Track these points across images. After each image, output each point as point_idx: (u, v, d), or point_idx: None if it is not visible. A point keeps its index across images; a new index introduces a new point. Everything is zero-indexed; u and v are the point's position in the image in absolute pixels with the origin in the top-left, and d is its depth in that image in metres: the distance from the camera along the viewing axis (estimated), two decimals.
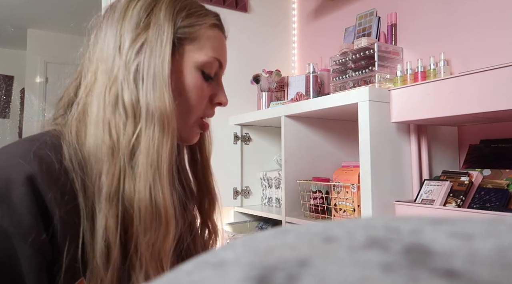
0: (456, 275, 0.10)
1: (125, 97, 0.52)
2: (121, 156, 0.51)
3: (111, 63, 0.54)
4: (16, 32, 4.16)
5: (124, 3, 0.57)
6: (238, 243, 0.14)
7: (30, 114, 4.20)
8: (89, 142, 0.51)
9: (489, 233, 0.12)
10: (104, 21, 0.58)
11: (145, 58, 0.53)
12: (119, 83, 0.52)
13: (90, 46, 0.58)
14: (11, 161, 0.47)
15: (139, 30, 0.55)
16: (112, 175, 0.50)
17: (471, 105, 0.88)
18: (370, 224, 0.14)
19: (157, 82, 0.53)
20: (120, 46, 0.54)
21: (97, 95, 0.53)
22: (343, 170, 1.30)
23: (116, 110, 0.52)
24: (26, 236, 0.44)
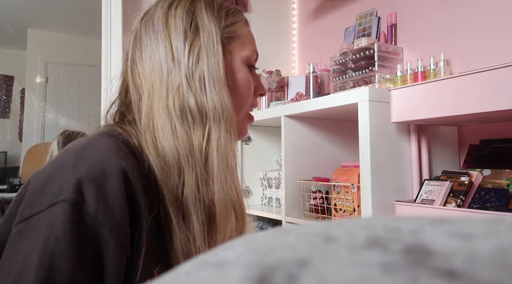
0: (456, 275, 0.10)
1: (191, 104, 0.54)
2: (197, 163, 0.53)
3: (167, 74, 0.55)
4: (16, 32, 4.16)
5: (162, 13, 0.58)
6: (238, 243, 0.14)
7: (30, 114, 4.20)
8: (165, 151, 0.53)
9: (489, 233, 0.12)
10: (144, 35, 0.58)
11: (203, 63, 0.55)
12: (183, 92, 0.54)
13: (131, 59, 0.59)
14: (104, 153, 0.47)
15: (190, 37, 0.56)
16: (192, 179, 0.52)
17: (471, 105, 0.88)
18: (370, 224, 0.14)
19: (216, 84, 0.55)
20: (175, 56, 0.55)
21: (161, 108, 0.54)
22: (343, 170, 1.30)
23: (184, 118, 0.54)
24: (116, 230, 0.44)
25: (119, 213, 0.45)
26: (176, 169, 0.52)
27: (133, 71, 0.58)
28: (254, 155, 1.79)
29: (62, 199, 0.42)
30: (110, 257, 0.44)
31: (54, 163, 0.47)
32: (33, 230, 0.41)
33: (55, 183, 0.44)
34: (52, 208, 0.42)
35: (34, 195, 0.44)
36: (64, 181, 0.43)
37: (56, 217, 0.41)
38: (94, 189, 0.44)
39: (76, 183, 0.43)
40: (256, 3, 1.97)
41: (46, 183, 0.44)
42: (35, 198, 0.43)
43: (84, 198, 0.43)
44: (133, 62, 0.58)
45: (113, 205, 0.44)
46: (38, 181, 0.45)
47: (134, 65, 0.58)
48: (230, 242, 0.14)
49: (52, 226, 0.41)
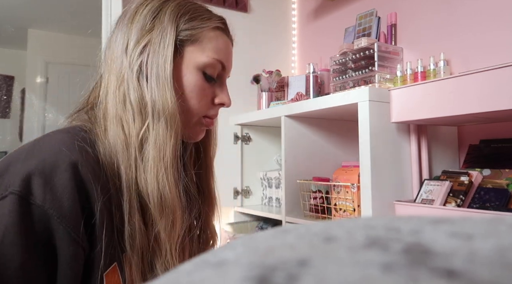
0: (456, 275, 0.10)
1: (131, 95, 0.56)
2: (132, 150, 0.55)
3: (120, 64, 0.58)
4: (16, 32, 4.16)
5: (134, 8, 0.61)
6: (238, 243, 0.14)
7: (30, 114, 4.20)
8: (109, 137, 0.56)
9: (489, 233, 0.12)
10: (116, 26, 0.63)
11: (148, 58, 0.57)
12: (126, 82, 0.57)
13: (104, 49, 0.63)
14: (55, 147, 0.50)
15: (143, 32, 0.59)
16: (126, 167, 0.55)
17: (471, 105, 0.88)
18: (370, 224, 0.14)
19: (160, 81, 0.57)
20: (127, 48, 0.58)
21: (111, 94, 0.57)
22: (343, 170, 1.30)
23: (125, 107, 0.56)
24: (64, 219, 0.46)
25: (67, 203, 0.47)
26: (115, 157, 0.55)
27: (105, 62, 0.61)
28: (254, 155, 1.79)
29: (10, 191, 0.45)
30: (61, 244, 0.46)
31: (7, 158, 0.50)
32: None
33: (7, 177, 0.46)
34: (2, 201, 0.44)
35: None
36: (14, 174, 0.46)
37: (4, 208, 0.44)
38: (41, 181, 0.46)
39: (25, 176, 0.46)
40: (256, 3, 1.97)
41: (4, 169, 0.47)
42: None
43: (31, 190, 0.45)
44: (105, 53, 0.62)
45: (61, 196, 0.47)
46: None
47: (105, 56, 0.62)
48: (230, 242, 0.14)
49: (1, 217, 0.43)
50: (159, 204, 0.55)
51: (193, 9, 0.63)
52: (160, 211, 0.55)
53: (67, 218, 0.46)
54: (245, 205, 1.75)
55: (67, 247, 0.46)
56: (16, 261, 0.42)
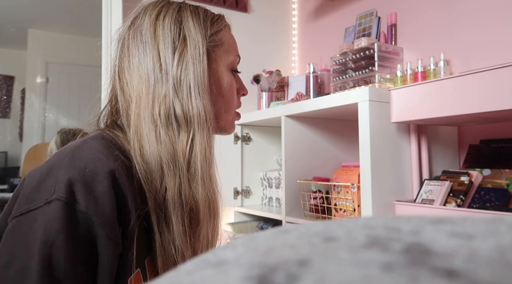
0: (456, 275, 0.10)
1: (177, 111, 0.57)
2: (180, 167, 0.57)
3: (154, 84, 0.58)
4: (16, 32, 4.16)
5: (150, 23, 0.60)
6: (238, 243, 0.14)
7: (30, 114, 4.20)
8: (147, 155, 0.56)
9: (489, 233, 0.12)
10: (132, 45, 0.60)
11: (190, 73, 0.58)
12: (170, 100, 0.57)
13: (119, 67, 0.62)
14: (94, 156, 0.51)
15: (179, 48, 0.59)
16: (170, 181, 0.56)
17: (471, 105, 0.88)
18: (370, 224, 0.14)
19: (201, 91, 0.59)
20: (163, 67, 0.58)
21: (147, 117, 0.57)
22: (343, 170, 1.30)
23: (169, 125, 0.57)
24: (106, 225, 0.48)
25: (108, 210, 0.48)
26: (158, 175, 0.56)
27: (121, 80, 0.60)
28: (254, 155, 1.79)
29: (55, 197, 0.46)
30: (102, 248, 0.47)
31: (48, 163, 0.50)
32: (32, 224, 0.45)
33: (50, 182, 0.47)
34: (48, 205, 0.45)
35: (30, 192, 0.47)
36: (58, 180, 0.47)
37: (51, 214, 0.45)
38: (84, 188, 0.47)
39: (68, 183, 0.47)
40: (256, 3, 1.97)
41: (42, 181, 0.48)
42: (32, 195, 0.47)
43: (75, 197, 0.47)
44: (122, 71, 0.61)
45: (102, 203, 0.48)
46: (33, 179, 0.48)
47: (122, 73, 0.61)
48: (231, 242, 0.14)
49: (49, 222, 0.44)
50: (208, 210, 0.58)
51: (205, 12, 0.64)
52: (208, 216, 0.58)
53: (108, 224, 0.48)
54: (245, 205, 1.75)
55: (107, 253, 0.48)
56: (64, 264, 0.44)
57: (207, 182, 0.59)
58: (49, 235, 0.44)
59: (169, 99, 0.57)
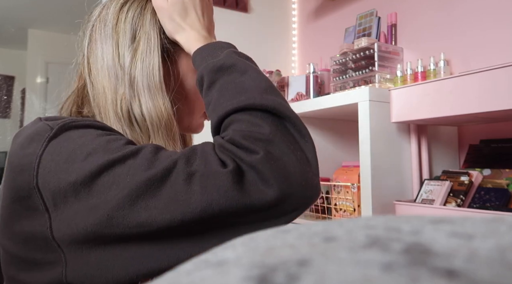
0: (456, 275, 0.10)
1: (135, 110, 0.54)
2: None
3: (115, 79, 0.55)
4: (17, 32, 4.16)
5: (114, 14, 0.58)
6: (238, 242, 0.14)
7: (31, 114, 4.20)
8: None
9: (489, 233, 0.12)
10: (98, 35, 0.58)
11: (140, 70, 0.55)
12: (128, 98, 0.54)
13: (87, 57, 0.59)
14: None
15: (135, 43, 0.56)
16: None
17: (471, 105, 0.88)
18: (370, 224, 0.14)
19: (152, 89, 0.55)
20: (121, 62, 0.55)
21: (112, 113, 0.55)
22: (343, 170, 1.30)
23: (131, 125, 0.54)
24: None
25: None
26: None
27: (90, 71, 0.58)
28: None
29: (60, 125, 0.45)
30: None
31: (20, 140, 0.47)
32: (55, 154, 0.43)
33: (38, 131, 0.46)
34: (54, 138, 0.44)
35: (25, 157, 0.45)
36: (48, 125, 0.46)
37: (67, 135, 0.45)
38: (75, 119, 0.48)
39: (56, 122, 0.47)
40: (256, 3, 1.97)
41: (28, 140, 0.46)
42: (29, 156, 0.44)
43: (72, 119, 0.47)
44: (89, 62, 0.58)
45: None
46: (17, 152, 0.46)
47: (90, 64, 0.58)
48: (230, 242, 0.14)
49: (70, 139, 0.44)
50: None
51: None
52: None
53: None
54: None
55: None
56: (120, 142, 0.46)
57: None
58: (78, 141, 0.44)
59: (127, 97, 0.54)
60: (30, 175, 0.43)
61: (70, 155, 0.43)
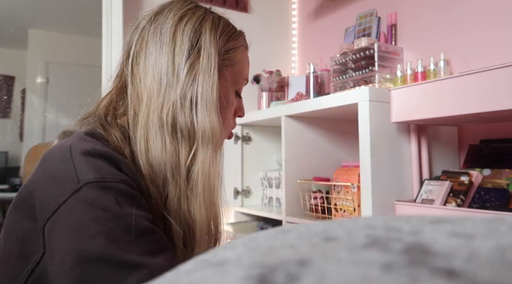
0: (456, 275, 0.10)
1: (181, 122, 0.56)
2: (181, 179, 0.56)
3: (166, 87, 0.57)
4: (17, 33, 4.16)
5: (171, 25, 0.59)
6: (238, 242, 0.14)
7: (31, 114, 4.20)
8: (154, 161, 0.56)
9: (489, 233, 0.12)
10: (151, 40, 0.59)
11: (198, 86, 0.57)
12: (176, 108, 0.56)
13: (134, 58, 0.60)
14: (99, 144, 0.52)
15: (192, 57, 0.58)
16: (174, 193, 0.56)
17: (471, 105, 0.88)
18: (370, 224, 0.14)
19: (209, 106, 0.57)
20: (175, 72, 0.57)
21: (156, 119, 0.56)
22: (344, 170, 1.30)
23: (174, 134, 0.56)
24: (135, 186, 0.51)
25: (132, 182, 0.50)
26: (161, 180, 0.55)
27: (134, 74, 0.59)
28: (254, 155, 1.79)
29: (84, 182, 0.46)
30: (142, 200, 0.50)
31: (50, 163, 0.50)
32: (68, 215, 0.45)
33: (67, 175, 0.47)
34: (77, 193, 0.45)
35: (49, 193, 0.47)
36: (75, 170, 0.47)
37: (88, 195, 0.45)
38: (107, 165, 0.49)
39: (90, 167, 0.48)
40: (256, 3, 1.97)
41: (57, 178, 0.47)
42: (53, 192, 0.46)
43: (102, 174, 0.48)
44: (136, 63, 0.59)
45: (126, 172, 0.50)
46: (45, 181, 0.48)
47: (136, 66, 0.59)
48: (231, 242, 0.14)
49: (91, 203, 0.45)
50: (206, 233, 0.57)
51: (226, 26, 0.63)
52: (206, 239, 0.58)
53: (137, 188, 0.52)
54: (245, 205, 1.75)
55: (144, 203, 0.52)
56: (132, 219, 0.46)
57: (207, 202, 0.57)
58: (98, 211, 0.44)
59: (176, 107, 0.56)
60: (43, 216, 0.46)
61: (81, 225, 0.44)
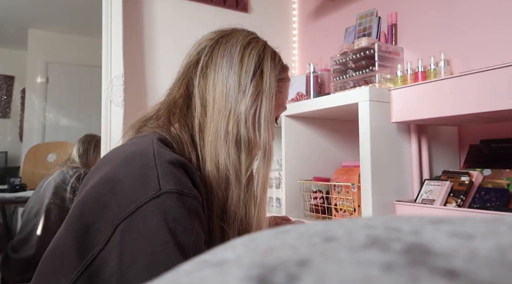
0: (456, 275, 0.10)
1: (243, 135, 0.62)
2: (242, 185, 0.62)
3: (234, 102, 0.63)
4: (16, 32, 4.16)
5: (240, 47, 0.67)
6: (238, 243, 0.14)
7: (30, 114, 4.20)
8: (219, 166, 0.61)
9: (489, 233, 0.12)
10: (221, 56, 0.66)
11: (262, 106, 0.64)
12: (239, 122, 0.62)
13: (206, 75, 0.65)
14: (172, 154, 0.56)
15: (256, 78, 0.65)
16: (235, 197, 0.61)
17: (471, 105, 0.88)
18: (370, 224, 0.14)
19: (268, 125, 0.65)
20: (241, 90, 0.63)
21: (223, 129, 0.62)
22: (344, 170, 1.30)
23: (238, 145, 0.62)
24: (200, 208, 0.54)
25: (199, 196, 0.54)
26: (224, 183, 0.61)
27: (201, 84, 0.65)
28: None
29: (166, 190, 0.49)
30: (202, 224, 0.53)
31: (133, 164, 0.52)
32: (144, 219, 0.47)
33: (150, 180, 0.50)
34: (156, 199, 0.48)
35: (129, 193, 0.49)
36: (158, 177, 0.50)
37: (166, 205, 0.48)
38: (185, 178, 0.53)
39: (172, 177, 0.51)
40: (256, 3, 1.97)
41: (139, 180, 0.50)
42: (133, 195, 0.49)
43: (180, 186, 0.51)
44: (205, 76, 0.65)
45: (198, 188, 0.55)
46: (128, 181, 0.50)
47: (205, 77, 0.65)
48: (230, 242, 0.14)
49: (165, 212, 0.48)
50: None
51: (279, 60, 0.71)
52: None
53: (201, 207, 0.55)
54: None
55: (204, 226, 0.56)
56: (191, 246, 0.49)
57: (262, 208, 0.64)
58: (170, 222, 0.47)
59: (240, 121, 0.62)
60: (119, 214, 0.48)
61: (157, 231, 0.47)
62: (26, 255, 1.74)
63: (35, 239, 1.77)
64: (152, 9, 1.68)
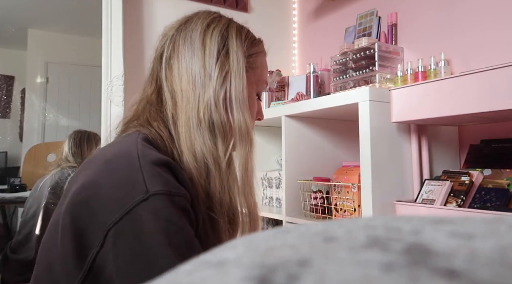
0: (456, 275, 0.10)
1: (215, 120, 0.60)
2: (222, 170, 0.61)
3: (201, 88, 0.61)
4: (16, 32, 4.16)
5: (201, 31, 0.64)
6: (239, 243, 0.14)
7: (30, 114, 4.20)
8: (197, 154, 0.60)
9: (489, 233, 0.12)
10: (182, 45, 0.64)
11: (231, 86, 0.62)
12: (210, 107, 0.61)
13: (167, 63, 0.64)
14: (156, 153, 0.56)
15: (221, 59, 0.63)
16: (217, 183, 0.60)
17: (471, 105, 0.88)
18: (370, 224, 0.14)
19: (241, 105, 0.62)
20: (207, 73, 0.62)
21: (195, 118, 0.60)
22: (344, 170, 1.30)
23: (212, 131, 0.61)
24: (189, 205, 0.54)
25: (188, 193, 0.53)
26: (205, 171, 0.60)
27: (167, 77, 0.64)
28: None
29: (154, 192, 0.48)
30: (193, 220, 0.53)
31: (117, 166, 0.52)
32: (135, 222, 0.47)
33: (137, 182, 0.49)
34: (145, 202, 0.47)
35: (116, 198, 0.48)
36: (144, 179, 0.49)
37: (156, 206, 0.48)
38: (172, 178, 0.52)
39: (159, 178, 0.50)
40: (256, 3, 1.97)
41: (125, 185, 0.49)
42: (121, 199, 0.48)
43: (168, 187, 0.50)
44: (170, 66, 0.64)
45: (185, 187, 0.54)
46: (111, 185, 0.50)
47: (170, 70, 0.64)
48: (231, 242, 0.14)
49: (157, 213, 0.47)
50: (247, 221, 0.63)
51: (247, 35, 0.69)
52: (247, 227, 0.63)
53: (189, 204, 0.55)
54: None
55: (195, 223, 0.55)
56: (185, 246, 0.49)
57: (246, 191, 0.63)
58: (162, 222, 0.47)
59: (210, 106, 0.60)
60: (109, 219, 0.47)
61: (149, 233, 0.46)
62: (25, 257, 1.74)
63: (34, 240, 1.77)
64: (152, 9, 1.68)
